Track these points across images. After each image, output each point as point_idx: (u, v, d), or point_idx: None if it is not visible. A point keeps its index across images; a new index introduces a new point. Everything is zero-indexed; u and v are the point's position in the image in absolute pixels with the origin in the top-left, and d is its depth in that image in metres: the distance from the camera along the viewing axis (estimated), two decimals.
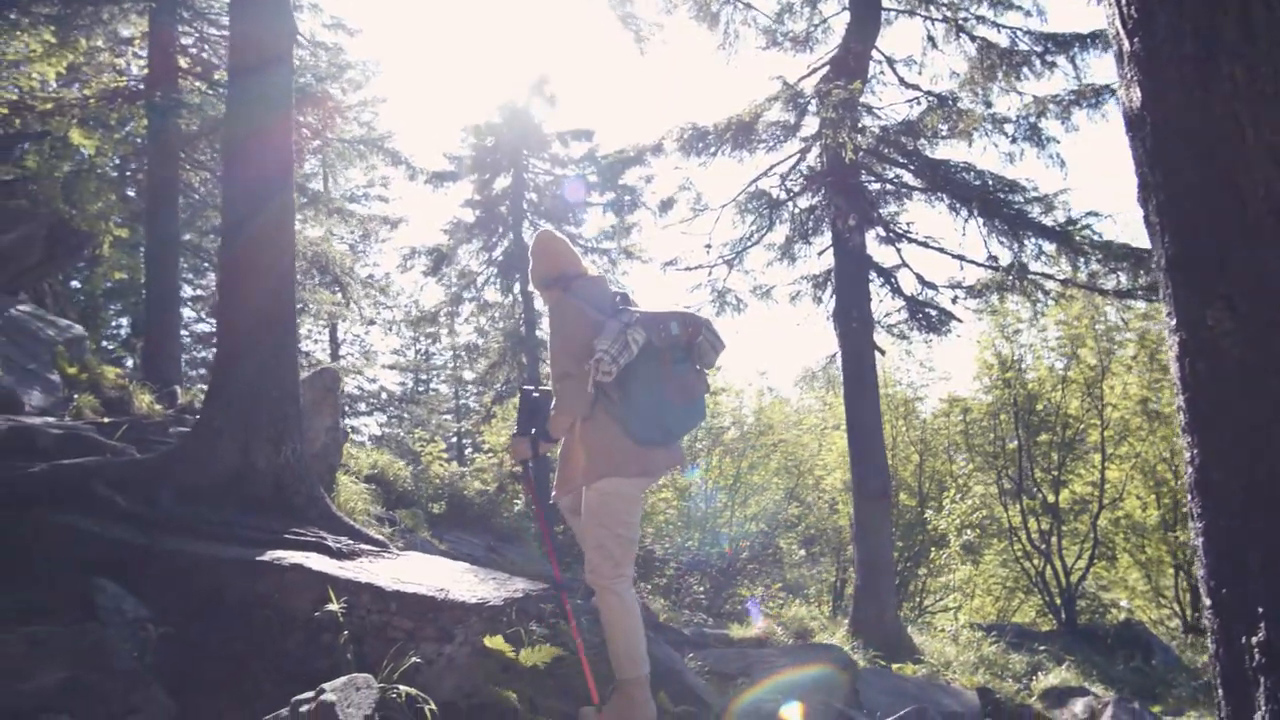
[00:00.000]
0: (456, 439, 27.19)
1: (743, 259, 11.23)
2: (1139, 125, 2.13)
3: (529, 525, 10.96)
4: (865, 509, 10.32)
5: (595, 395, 3.57)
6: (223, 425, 4.94)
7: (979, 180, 9.65)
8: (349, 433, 10.00)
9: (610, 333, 3.51)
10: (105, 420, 6.60)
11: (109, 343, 20.41)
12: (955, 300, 10.49)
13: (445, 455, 11.10)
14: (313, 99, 12.64)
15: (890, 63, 10.91)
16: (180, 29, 12.99)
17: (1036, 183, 9.40)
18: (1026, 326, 15.10)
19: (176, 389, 10.13)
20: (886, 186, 10.55)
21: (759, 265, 16.82)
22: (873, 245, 10.63)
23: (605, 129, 39.93)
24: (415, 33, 56.87)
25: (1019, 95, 10.40)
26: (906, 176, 10.36)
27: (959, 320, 10.56)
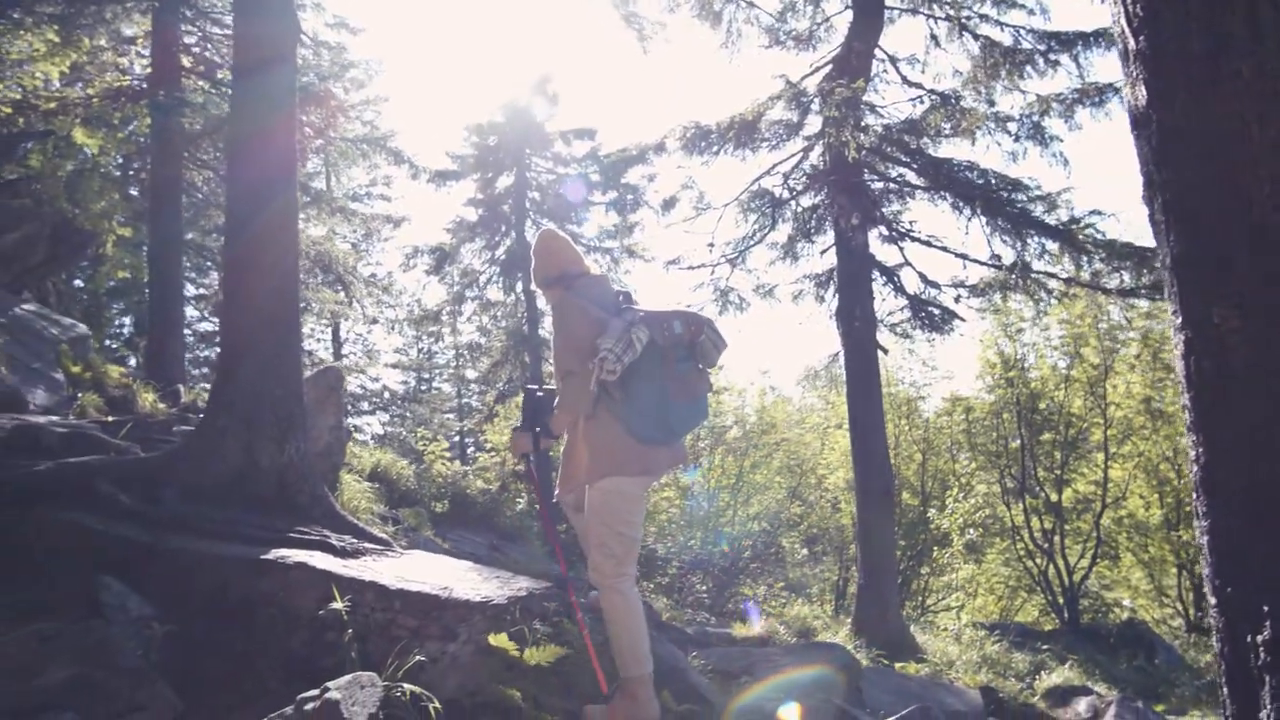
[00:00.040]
0: (459, 438, 27.22)
1: (745, 258, 11.24)
2: (1144, 123, 2.13)
3: (532, 524, 10.96)
4: (868, 508, 10.32)
5: (598, 394, 3.57)
6: (226, 424, 4.94)
7: (982, 179, 9.65)
8: (352, 432, 10.01)
9: (614, 331, 3.51)
10: (109, 419, 6.60)
11: (112, 342, 20.45)
12: (958, 299, 10.49)
13: (448, 454, 11.09)
14: (315, 98, 12.64)
15: (893, 61, 10.90)
16: (183, 28, 12.99)
17: (1040, 181, 9.40)
18: (1029, 325, 15.12)
19: (180, 388, 10.15)
20: (889, 185, 10.54)
21: (762, 264, 16.87)
22: (875, 244, 10.64)
23: (608, 128, 39.91)
24: (418, 32, 56.91)
25: (1022, 94, 10.40)
26: (909, 175, 10.35)
27: (962, 319, 10.57)
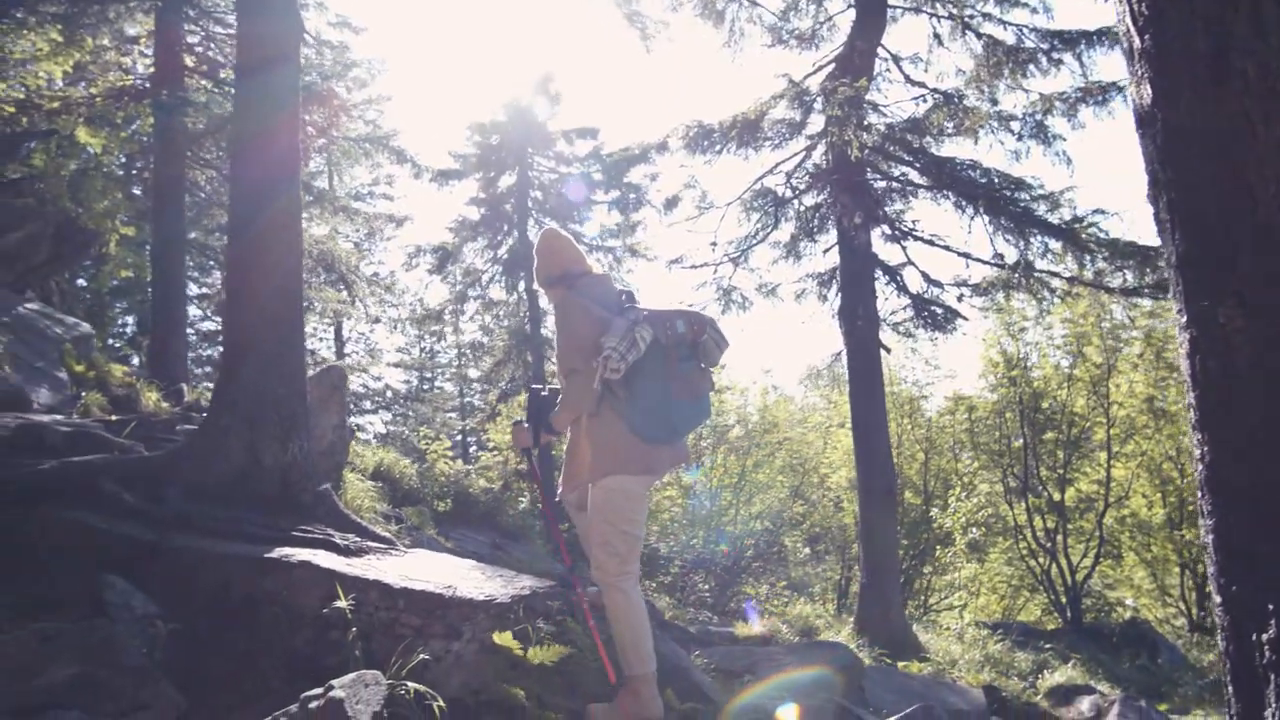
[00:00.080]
0: (461, 437, 27.22)
1: (748, 257, 11.25)
2: (1149, 122, 2.13)
3: (534, 523, 10.97)
4: (870, 507, 10.32)
5: (601, 392, 3.58)
6: (229, 423, 4.94)
7: (985, 178, 9.64)
8: (355, 431, 10.02)
9: (618, 330, 3.51)
10: (113, 418, 6.61)
11: (115, 341, 20.47)
12: (961, 298, 10.49)
13: (450, 453, 11.09)
14: (318, 97, 12.65)
15: (896, 60, 10.89)
16: (186, 27, 13.00)
17: (1043, 180, 9.43)
18: (1032, 324, 15.10)
19: (183, 387, 10.16)
20: (892, 184, 10.54)
21: (764, 263, 16.83)
22: (878, 243, 10.64)
23: (610, 127, 40.00)
24: (420, 31, 56.93)
25: (1025, 93, 10.40)
26: (912, 174, 10.35)
27: (964, 318, 10.57)
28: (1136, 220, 34.18)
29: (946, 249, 10.22)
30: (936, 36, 10.90)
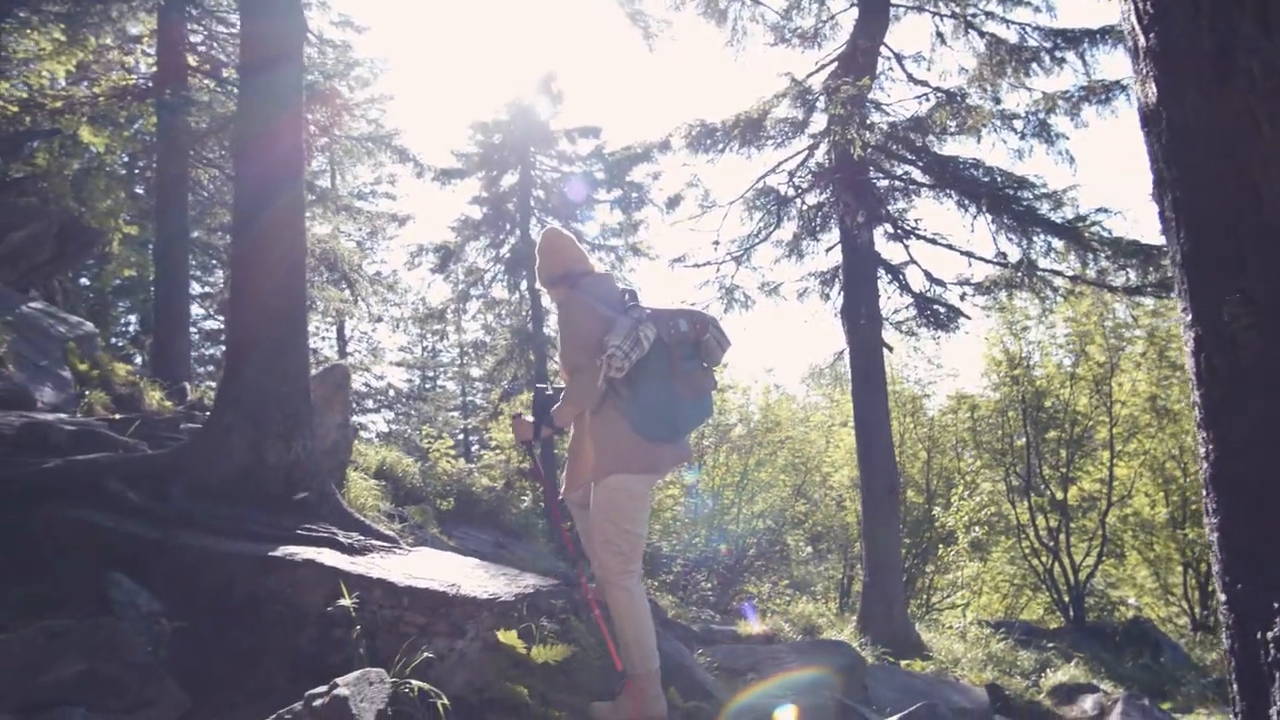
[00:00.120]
0: (463, 435, 27.22)
1: (750, 256, 11.26)
2: (1154, 121, 2.12)
3: (537, 522, 10.97)
4: (873, 506, 10.32)
5: (604, 391, 3.59)
6: (233, 422, 4.95)
7: (988, 177, 9.64)
8: (357, 430, 10.02)
9: (622, 329, 3.52)
10: (117, 417, 6.62)
11: (118, 339, 20.49)
12: (963, 297, 10.50)
13: (453, 452, 11.09)
14: (321, 96, 12.65)
15: (899, 59, 10.89)
16: (189, 27, 13.02)
17: (1045, 179, 9.44)
18: (1035, 323, 15.09)
19: (186, 385, 10.18)
20: (895, 183, 10.54)
21: (767, 262, 16.85)
22: (881, 242, 10.64)
23: (613, 126, 39.97)
24: (423, 30, 56.92)
25: (1028, 91, 10.39)
26: (915, 173, 10.35)
27: (967, 317, 10.57)
28: (1139, 219, 34.18)
29: (949, 248, 10.24)
30: (939, 35, 10.89)
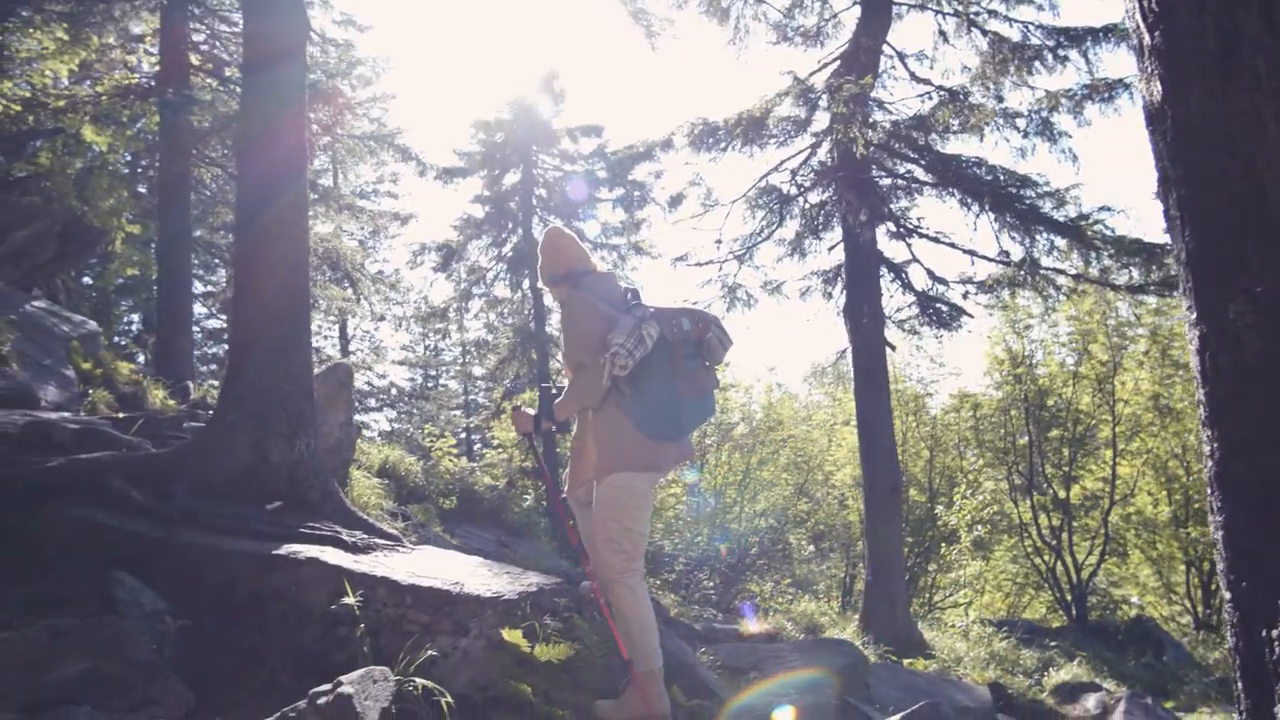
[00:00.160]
0: (466, 434, 27.24)
1: (753, 254, 11.24)
2: (1159, 119, 2.12)
3: (540, 520, 10.98)
4: (875, 504, 10.32)
5: (607, 389, 3.59)
6: (236, 420, 4.95)
7: (990, 175, 9.63)
8: (360, 428, 10.03)
9: (625, 327, 3.52)
10: (120, 415, 6.64)
11: (121, 338, 20.53)
12: (966, 296, 10.48)
13: (455, 451, 11.10)
14: (323, 95, 12.66)
15: (901, 57, 10.87)
16: (191, 26, 13.04)
17: (1048, 177, 9.41)
18: (1037, 322, 15.07)
19: (189, 384, 10.19)
20: (897, 181, 10.52)
21: (769, 260, 16.84)
22: (883, 240, 10.62)
23: (615, 125, 39.98)
24: (425, 29, 56.93)
25: (1031, 90, 10.36)
26: (917, 171, 10.33)
27: (970, 316, 10.54)
28: (1142, 217, 34.14)
29: (952, 246, 10.22)
30: (942, 33, 10.87)
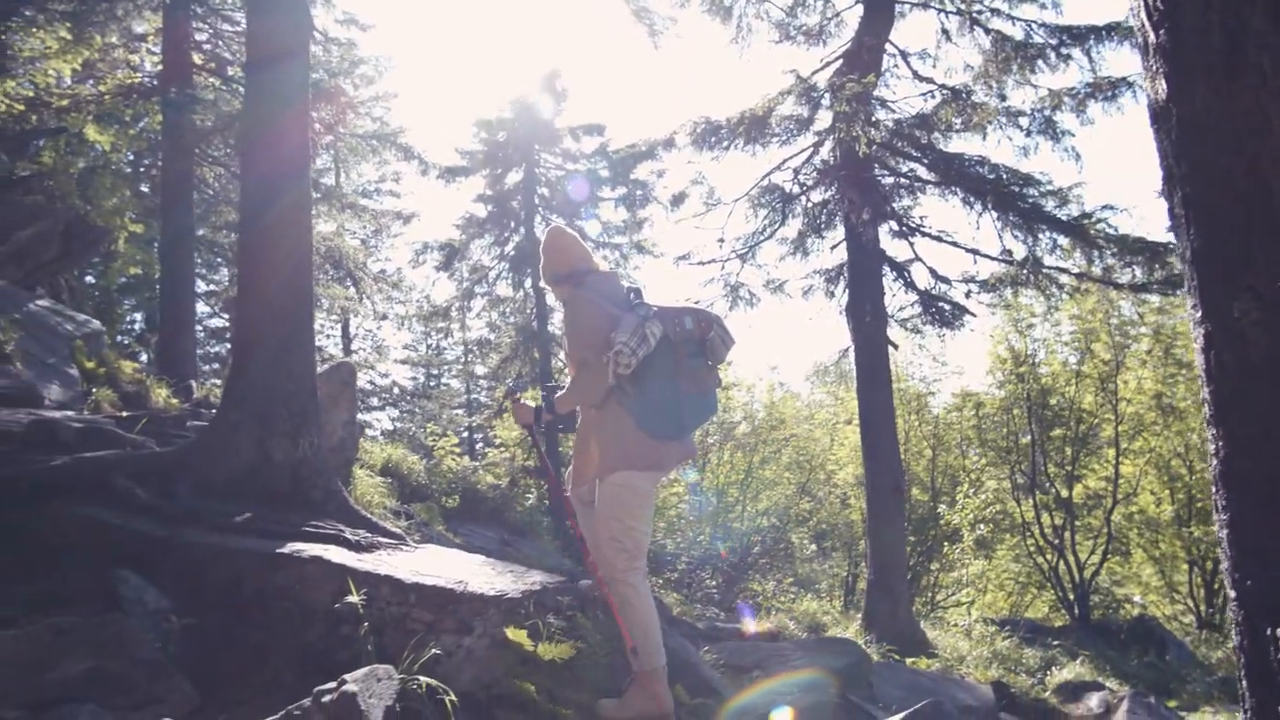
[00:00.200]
0: (468, 433, 27.24)
1: (755, 253, 11.23)
2: (1164, 117, 2.12)
3: (542, 519, 11.00)
4: (878, 503, 10.31)
5: (611, 387, 3.59)
6: (239, 419, 4.95)
7: (993, 174, 9.62)
8: (363, 427, 10.04)
9: (628, 326, 3.52)
10: (123, 414, 6.65)
11: (124, 337, 20.54)
12: (969, 294, 10.46)
13: (457, 449, 11.12)
14: (325, 94, 12.65)
15: (904, 56, 10.85)
16: (194, 25, 13.05)
17: (1051, 176, 9.38)
18: (1040, 321, 15.06)
19: (192, 383, 10.20)
20: (900, 180, 10.51)
21: (772, 259, 16.76)
22: (886, 239, 10.61)
23: (617, 124, 39.77)
24: (427, 28, 56.94)
25: (1034, 88, 10.34)
26: (920, 170, 10.32)
27: (972, 314, 10.53)
28: (1145, 216, 34.11)
29: (954, 245, 10.21)
30: (945, 32, 10.86)
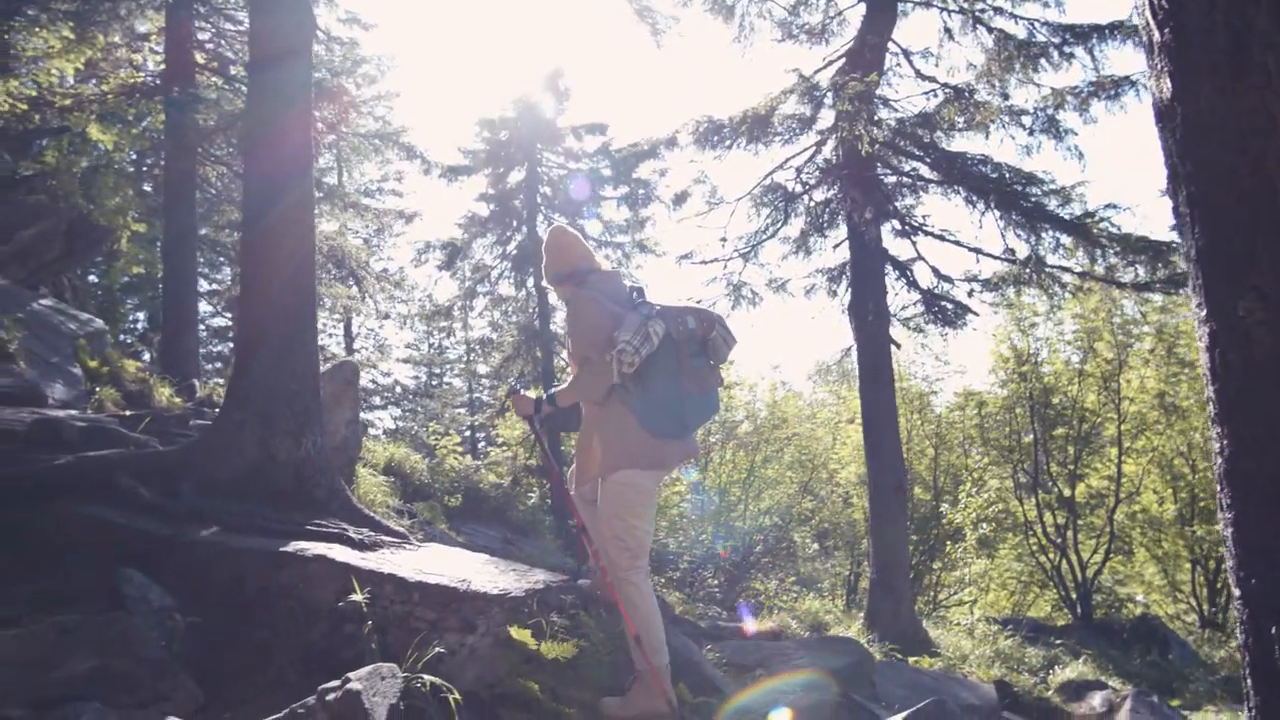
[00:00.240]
0: (470, 432, 27.25)
1: (758, 252, 11.22)
2: (1169, 116, 2.12)
3: (544, 518, 11.00)
4: (880, 502, 10.30)
5: (613, 386, 3.60)
6: (242, 418, 4.95)
7: (996, 173, 9.61)
8: (366, 426, 10.05)
9: (631, 325, 3.53)
10: (127, 413, 6.66)
11: (126, 336, 20.56)
12: (971, 293, 10.45)
13: (460, 449, 11.12)
14: (328, 93, 12.67)
15: (906, 55, 10.84)
16: (197, 24, 13.07)
17: (1054, 175, 9.39)
18: (1043, 320, 15.04)
19: (195, 382, 10.22)
20: (903, 179, 10.51)
21: (774, 258, 16.82)
22: (888, 238, 10.60)
23: (619, 123, 39.83)
24: (429, 27, 56.94)
25: (1036, 87, 10.32)
26: (923, 169, 10.31)
27: (975, 313, 10.52)
28: (1148, 215, 34.12)
29: (957, 244, 10.21)
30: (947, 31, 10.85)
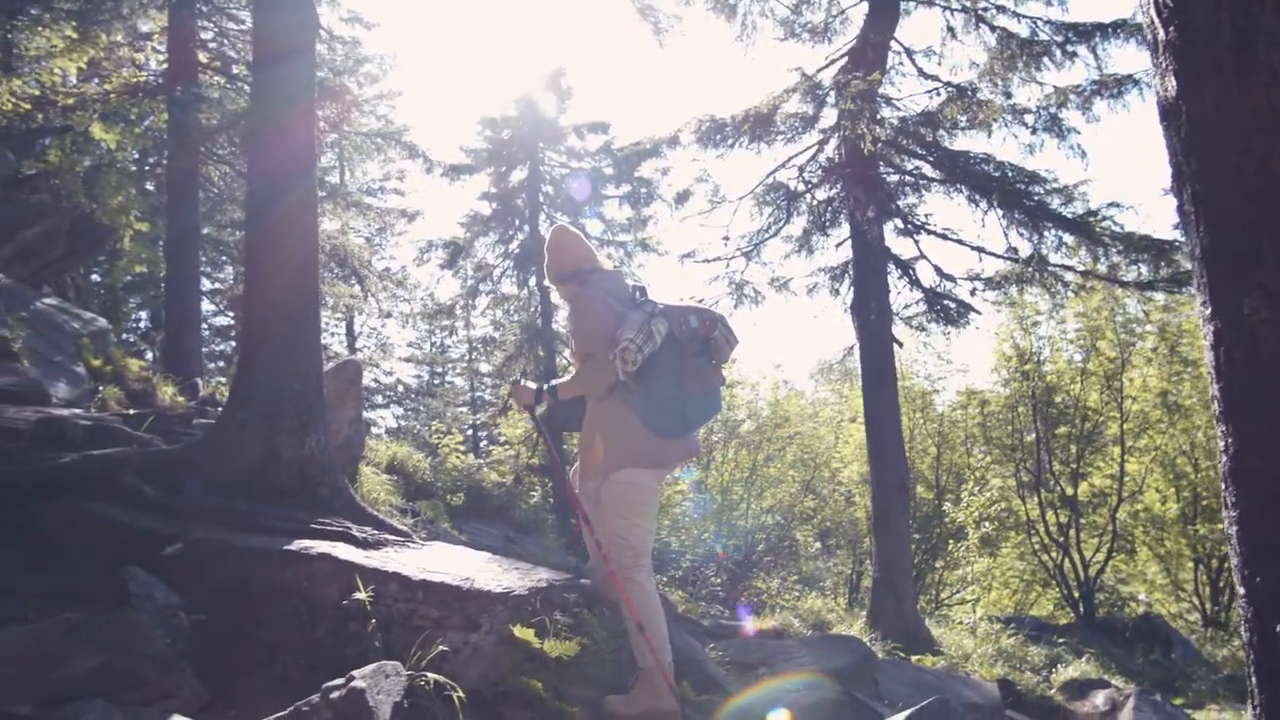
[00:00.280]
0: (472, 431, 27.27)
1: (760, 251, 11.23)
2: (1174, 115, 2.12)
3: (547, 517, 11.01)
4: (883, 501, 10.31)
5: (615, 385, 3.61)
6: (246, 417, 4.95)
7: (999, 171, 9.60)
8: (368, 425, 10.06)
9: (634, 323, 3.53)
10: (130, 412, 6.67)
11: (129, 335, 20.58)
12: (974, 292, 10.46)
13: (462, 447, 11.13)
14: (330, 92, 12.68)
15: (909, 53, 10.85)
16: (199, 23, 13.08)
17: (1057, 174, 9.38)
18: (1045, 319, 15.03)
19: (198, 381, 10.23)
20: (905, 178, 10.51)
21: (776, 257, 16.82)
22: (891, 237, 10.61)
23: (621, 121, 39.85)
24: (431, 26, 56.95)
25: (1039, 86, 10.33)
26: (925, 168, 10.31)
27: (977, 312, 10.53)
28: (1151, 214, 34.11)
29: (960, 243, 10.20)
30: (950, 29, 10.84)
